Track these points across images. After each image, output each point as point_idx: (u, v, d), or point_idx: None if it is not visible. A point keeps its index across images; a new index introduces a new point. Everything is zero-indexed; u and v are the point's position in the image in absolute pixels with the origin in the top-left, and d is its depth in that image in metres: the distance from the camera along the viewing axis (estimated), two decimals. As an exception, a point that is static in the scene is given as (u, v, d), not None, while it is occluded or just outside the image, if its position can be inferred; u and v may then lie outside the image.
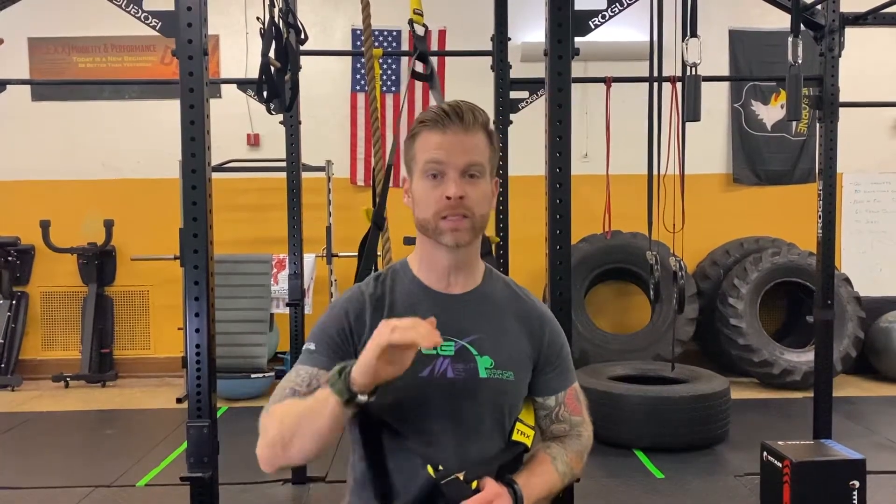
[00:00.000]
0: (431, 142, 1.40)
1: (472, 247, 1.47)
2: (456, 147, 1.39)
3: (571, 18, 2.28)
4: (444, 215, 1.39)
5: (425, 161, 1.40)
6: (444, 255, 1.44)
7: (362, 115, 6.59)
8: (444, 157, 1.39)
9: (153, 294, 6.71)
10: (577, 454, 1.57)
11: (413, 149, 1.44)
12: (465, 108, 1.42)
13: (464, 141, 1.40)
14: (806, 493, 2.87)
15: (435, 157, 1.39)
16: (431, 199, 1.40)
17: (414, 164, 1.44)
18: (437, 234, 1.41)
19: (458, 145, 1.39)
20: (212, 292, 2.37)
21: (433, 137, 1.40)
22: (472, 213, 1.40)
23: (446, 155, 1.39)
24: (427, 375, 1.40)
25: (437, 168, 1.39)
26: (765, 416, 5.32)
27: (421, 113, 1.45)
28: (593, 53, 5.55)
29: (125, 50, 6.63)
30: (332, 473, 4.05)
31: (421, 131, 1.42)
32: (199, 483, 2.34)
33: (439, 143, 1.39)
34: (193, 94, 2.33)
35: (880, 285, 6.73)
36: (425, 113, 1.43)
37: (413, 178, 1.44)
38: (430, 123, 1.41)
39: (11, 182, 6.57)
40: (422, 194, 1.41)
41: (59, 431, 5.19)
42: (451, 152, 1.39)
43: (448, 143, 1.39)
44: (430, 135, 1.41)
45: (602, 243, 6.12)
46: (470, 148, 1.40)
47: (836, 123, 3.85)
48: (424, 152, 1.41)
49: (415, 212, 1.45)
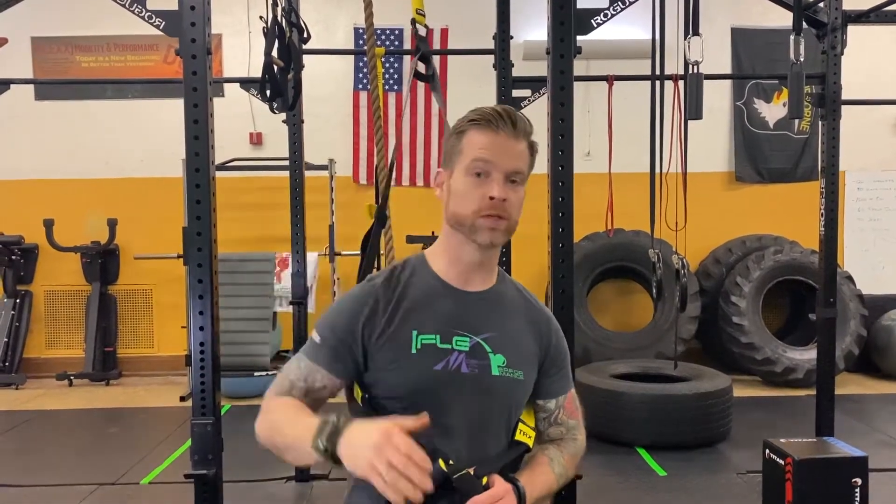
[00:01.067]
0: (481, 141, 1.41)
1: (497, 248, 1.50)
2: (504, 150, 1.41)
3: (573, 17, 2.28)
4: (484, 214, 1.41)
5: (473, 158, 1.41)
6: (472, 251, 1.46)
7: (365, 113, 6.59)
8: (493, 158, 1.40)
9: (156, 293, 6.73)
10: (572, 457, 1.60)
11: (459, 144, 1.44)
12: (517, 114, 1.44)
13: (512, 146, 1.41)
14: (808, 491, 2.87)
15: (483, 156, 1.40)
16: (473, 196, 1.41)
17: (458, 158, 1.44)
18: (473, 230, 1.42)
19: (507, 149, 1.41)
20: (215, 290, 2.38)
21: (483, 137, 1.41)
22: (508, 216, 1.42)
23: (494, 156, 1.40)
24: (441, 369, 1.41)
25: (483, 167, 1.40)
26: (767, 414, 5.32)
27: (471, 111, 1.45)
28: (595, 52, 5.55)
29: (128, 49, 6.64)
30: (336, 471, 4.03)
31: (470, 129, 1.43)
32: (203, 480, 2.34)
33: (489, 143, 1.40)
34: (197, 93, 2.33)
35: (883, 283, 6.72)
36: (476, 111, 1.44)
37: (454, 172, 1.44)
38: (482, 123, 1.42)
39: (15, 181, 6.59)
40: (463, 190, 1.42)
41: (63, 430, 5.21)
42: (499, 154, 1.40)
43: (497, 146, 1.40)
44: (480, 134, 1.41)
45: (604, 241, 6.12)
46: (517, 154, 1.42)
47: (838, 121, 3.85)
48: (472, 150, 1.41)
49: (449, 205, 1.45)
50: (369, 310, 1.44)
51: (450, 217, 1.46)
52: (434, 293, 1.47)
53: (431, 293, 1.47)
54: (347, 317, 1.44)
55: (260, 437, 1.42)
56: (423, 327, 1.43)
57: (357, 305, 1.45)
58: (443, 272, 1.49)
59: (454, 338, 1.43)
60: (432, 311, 1.45)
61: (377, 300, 1.45)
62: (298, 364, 1.46)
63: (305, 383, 1.43)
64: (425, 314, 1.44)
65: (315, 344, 1.45)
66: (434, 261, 1.51)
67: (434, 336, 1.43)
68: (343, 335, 1.43)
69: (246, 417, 1.76)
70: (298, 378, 1.44)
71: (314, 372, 1.43)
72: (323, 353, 1.44)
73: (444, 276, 1.49)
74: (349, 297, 1.49)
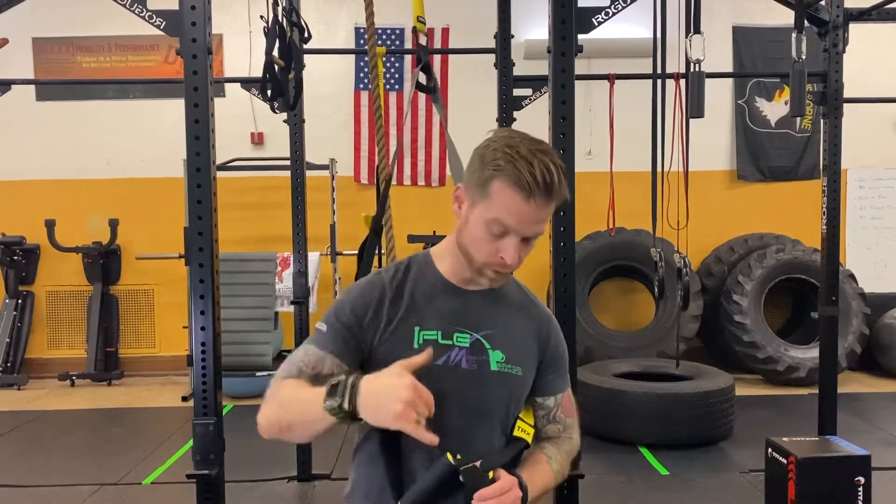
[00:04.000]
0: (508, 205, 1.34)
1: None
2: (531, 218, 1.36)
3: (575, 15, 2.27)
4: (492, 268, 1.42)
5: (495, 219, 1.36)
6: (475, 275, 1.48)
7: (366, 113, 6.59)
8: (516, 226, 1.36)
9: (158, 293, 6.73)
10: (568, 455, 1.62)
11: (488, 187, 1.35)
12: (555, 175, 1.33)
13: (540, 213, 1.36)
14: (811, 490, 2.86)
15: (507, 223, 1.35)
16: (487, 249, 1.39)
17: (482, 200, 1.37)
18: (478, 272, 1.45)
19: (533, 217, 1.36)
20: (217, 290, 2.38)
21: (513, 200, 1.33)
22: (514, 268, 1.43)
23: (518, 224, 1.36)
24: (442, 364, 1.44)
25: (503, 231, 1.37)
26: (769, 413, 5.32)
27: (508, 147, 1.34)
28: (597, 50, 5.55)
29: (129, 49, 6.64)
30: (337, 471, 4.06)
31: (503, 178, 1.33)
32: (206, 480, 2.34)
33: (517, 210, 1.34)
34: (198, 92, 2.33)
35: (885, 281, 6.72)
36: (514, 161, 1.32)
37: (475, 208, 1.39)
38: (517, 184, 1.32)
39: (17, 182, 6.60)
40: (477, 237, 1.40)
41: (65, 430, 5.21)
42: (524, 223, 1.36)
43: (525, 215, 1.35)
44: (511, 192, 1.33)
45: (606, 240, 6.12)
46: (542, 219, 1.38)
47: (840, 119, 3.85)
48: (497, 208, 1.35)
49: (462, 233, 1.44)
50: (376, 301, 1.47)
51: (461, 245, 1.45)
52: (437, 291, 1.50)
53: (434, 291, 1.50)
54: (353, 305, 1.46)
55: (263, 422, 1.42)
56: (426, 323, 1.46)
57: (364, 295, 1.48)
58: (446, 272, 1.51)
59: (455, 334, 1.46)
60: (434, 308, 1.48)
61: (383, 293, 1.48)
62: (305, 352, 1.46)
63: (313, 370, 1.43)
64: (428, 311, 1.47)
65: (322, 332, 1.47)
66: (439, 261, 1.53)
67: (435, 332, 1.45)
68: (349, 321, 1.45)
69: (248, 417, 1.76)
70: (306, 365, 1.44)
71: (322, 359, 1.44)
72: (331, 340, 1.45)
73: (447, 276, 1.51)
74: (357, 286, 1.52)
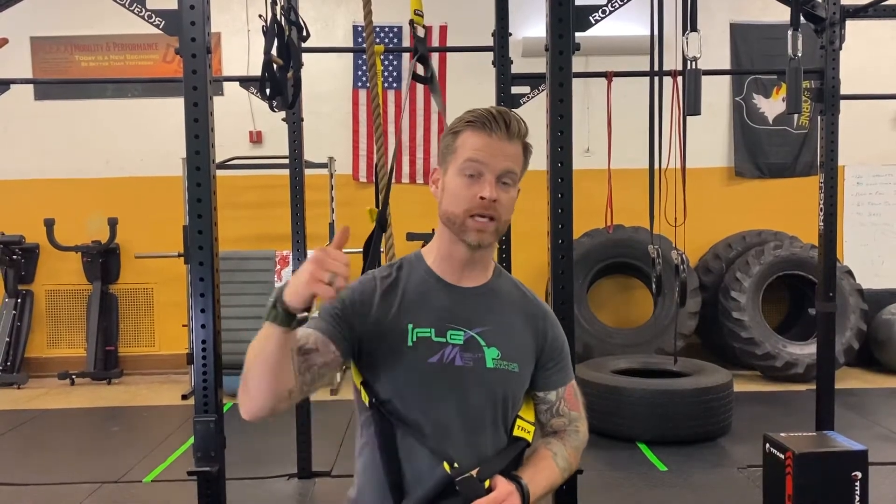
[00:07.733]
0: (474, 142, 1.44)
1: (488, 247, 1.52)
2: (497, 152, 1.43)
3: (572, 13, 2.29)
4: (474, 214, 1.43)
5: (465, 159, 1.44)
6: (463, 250, 1.49)
7: (364, 111, 6.60)
8: (485, 159, 1.43)
9: (157, 291, 6.74)
10: (575, 449, 1.61)
11: (454, 144, 1.47)
12: (511, 116, 1.46)
13: (505, 147, 1.44)
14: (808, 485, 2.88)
15: (476, 157, 1.43)
16: (465, 196, 1.43)
17: (451, 158, 1.47)
18: (462, 230, 1.45)
19: (500, 150, 1.44)
20: (217, 288, 2.39)
21: (477, 138, 1.44)
22: (498, 217, 1.45)
23: (487, 157, 1.43)
24: (436, 362, 1.44)
25: (475, 168, 1.43)
26: (767, 409, 5.33)
27: (467, 111, 1.48)
28: (594, 48, 5.56)
29: (127, 48, 6.64)
30: (338, 468, 4.07)
31: (464, 129, 1.46)
32: (207, 477, 2.35)
33: (482, 145, 1.43)
34: (197, 91, 2.34)
35: (882, 277, 6.74)
36: (472, 112, 1.46)
37: (447, 171, 1.48)
38: (476, 124, 1.44)
39: (16, 181, 6.60)
40: (455, 189, 1.45)
41: (65, 428, 5.22)
42: (491, 156, 1.43)
43: (490, 147, 1.43)
44: (473, 135, 1.44)
45: (604, 238, 6.13)
46: (509, 155, 1.45)
47: (837, 116, 3.85)
48: (465, 150, 1.44)
49: (441, 203, 1.49)
50: (367, 295, 1.48)
51: (442, 215, 1.48)
52: (429, 288, 1.50)
53: (426, 288, 1.50)
54: (344, 297, 1.46)
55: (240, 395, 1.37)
56: (419, 321, 1.46)
57: (355, 290, 1.49)
58: (437, 268, 1.52)
59: (448, 332, 1.47)
60: (427, 305, 1.48)
61: (374, 289, 1.49)
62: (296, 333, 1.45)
63: (297, 343, 1.38)
64: (420, 309, 1.47)
65: (312, 318, 1.43)
66: (429, 257, 1.54)
67: (429, 330, 1.46)
68: (338, 311, 1.45)
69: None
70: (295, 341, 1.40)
71: (308, 335, 1.40)
72: (319, 321, 1.44)
73: (438, 272, 1.52)
74: (349, 285, 1.51)
